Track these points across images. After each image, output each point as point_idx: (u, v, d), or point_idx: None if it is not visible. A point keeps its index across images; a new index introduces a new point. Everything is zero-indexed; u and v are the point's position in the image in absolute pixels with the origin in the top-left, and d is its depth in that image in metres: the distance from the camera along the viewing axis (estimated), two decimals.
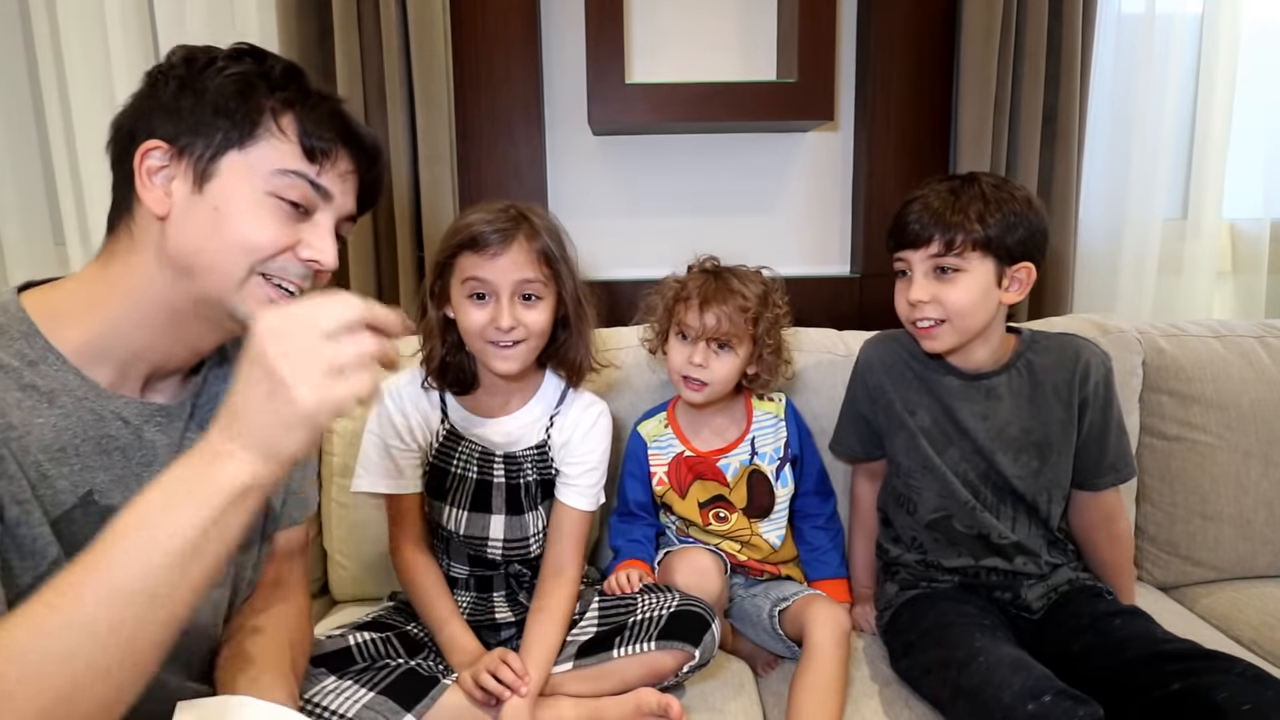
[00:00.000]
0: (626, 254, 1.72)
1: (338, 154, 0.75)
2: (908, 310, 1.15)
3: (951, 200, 1.10)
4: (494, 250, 1.03)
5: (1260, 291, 1.84)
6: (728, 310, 1.18)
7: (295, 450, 0.58)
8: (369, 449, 1.13)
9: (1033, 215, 1.10)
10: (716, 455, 1.27)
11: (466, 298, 1.06)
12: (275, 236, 0.71)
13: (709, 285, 1.20)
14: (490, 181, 1.63)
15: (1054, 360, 1.16)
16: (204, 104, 0.70)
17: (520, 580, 1.18)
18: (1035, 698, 0.87)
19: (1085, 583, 1.16)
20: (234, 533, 0.57)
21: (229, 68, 0.71)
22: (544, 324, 1.08)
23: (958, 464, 1.17)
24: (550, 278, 1.08)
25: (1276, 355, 1.42)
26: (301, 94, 0.73)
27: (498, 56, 1.59)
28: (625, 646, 1.03)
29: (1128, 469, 1.19)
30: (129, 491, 0.70)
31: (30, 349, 0.67)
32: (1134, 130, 1.72)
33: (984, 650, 0.98)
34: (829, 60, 1.52)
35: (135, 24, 1.56)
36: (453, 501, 1.13)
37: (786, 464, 1.28)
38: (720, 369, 1.20)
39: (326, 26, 1.50)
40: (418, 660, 1.02)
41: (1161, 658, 0.96)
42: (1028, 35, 1.57)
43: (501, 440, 1.15)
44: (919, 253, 1.12)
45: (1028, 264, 1.11)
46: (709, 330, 1.18)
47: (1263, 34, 1.78)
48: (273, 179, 0.71)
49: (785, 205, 1.75)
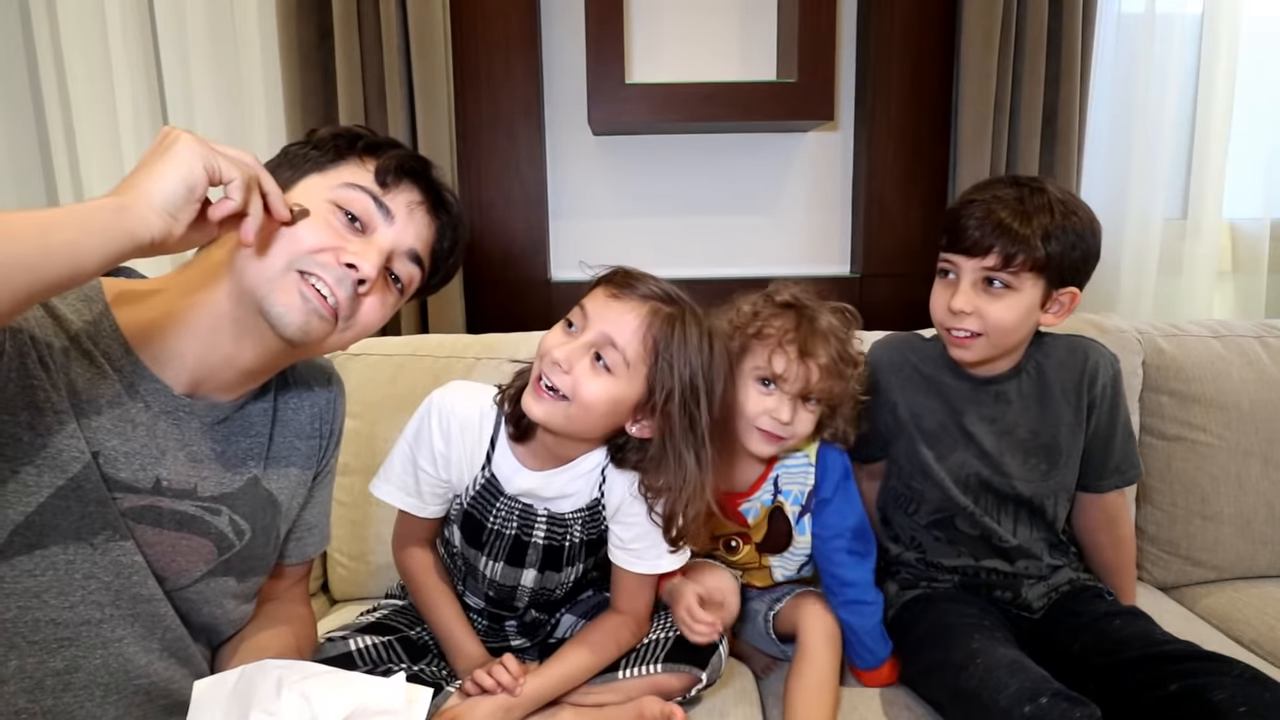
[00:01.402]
0: (626, 254, 1.72)
1: (408, 184, 0.79)
2: (945, 315, 1.09)
3: (1018, 209, 1.02)
4: (622, 299, 0.89)
5: (1260, 291, 1.84)
6: (823, 363, 1.02)
7: (161, 192, 0.60)
8: (395, 458, 1.03)
9: (1092, 238, 1.06)
10: (739, 499, 1.14)
11: (565, 324, 0.93)
12: (321, 236, 0.73)
13: (803, 329, 1.03)
14: (490, 181, 1.63)
15: (1062, 362, 1.14)
16: (307, 146, 0.79)
17: (537, 624, 1.13)
18: (1032, 700, 0.87)
19: (1086, 583, 1.16)
20: (87, 258, 0.58)
21: (340, 129, 0.80)
22: (597, 400, 0.88)
23: (960, 469, 1.16)
24: (645, 364, 0.88)
25: (1276, 355, 1.42)
26: (391, 145, 0.80)
27: (498, 56, 1.59)
28: (631, 668, 1.01)
29: (1133, 471, 1.18)
30: (138, 471, 0.72)
31: (89, 310, 0.71)
32: (1134, 130, 1.72)
33: (981, 652, 0.98)
34: (829, 60, 1.52)
35: (135, 24, 1.56)
36: (489, 554, 1.03)
37: (808, 513, 1.14)
38: (804, 424, 1.06)
39: (326, 27, 1.50)
40: (420, 666, 1.01)
41: (1160, 659, 0.96)
42: (1028, 35, 1.57)
43: (550, 495, 1.00)
44: (972, 261, 1.05)
45: (1074, 289, 1.07)
46: (807, 385, 1.03)
47: (1263, 34, 1.78)
48: (338, 190, 0.75)
49: (785, 205, 1.75)
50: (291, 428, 0.88)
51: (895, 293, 1.68)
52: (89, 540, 0.69)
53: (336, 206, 0.75)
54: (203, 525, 0.78)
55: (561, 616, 1.14)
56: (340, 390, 0.96)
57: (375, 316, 0.79)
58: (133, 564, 0.72)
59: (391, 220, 0.77)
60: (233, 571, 0.82)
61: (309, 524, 0.95)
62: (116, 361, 0.72)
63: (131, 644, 0.73)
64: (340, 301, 0.74)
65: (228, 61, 1.59)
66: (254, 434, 0.83)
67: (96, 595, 0.70)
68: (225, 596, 0.83)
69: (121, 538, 0.71)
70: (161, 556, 0.75)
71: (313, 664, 0.74)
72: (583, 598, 1.16)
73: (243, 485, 0.82)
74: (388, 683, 0.70)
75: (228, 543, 0.80)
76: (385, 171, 0.77)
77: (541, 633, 1.14)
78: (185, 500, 0.76)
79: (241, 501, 0.81)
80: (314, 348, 0.78)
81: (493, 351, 1.37)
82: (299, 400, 0.89)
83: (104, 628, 0.71)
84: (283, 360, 0.80)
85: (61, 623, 0.69)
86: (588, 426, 0.92)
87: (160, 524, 0.75)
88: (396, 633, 1.06)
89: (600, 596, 1.14)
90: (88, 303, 0.72)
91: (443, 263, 0.85)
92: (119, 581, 0.71)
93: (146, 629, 0.74)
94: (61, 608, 0.69)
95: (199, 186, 0.62)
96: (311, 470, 0.91)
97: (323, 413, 0.92)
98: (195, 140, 0.63)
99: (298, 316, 0.72)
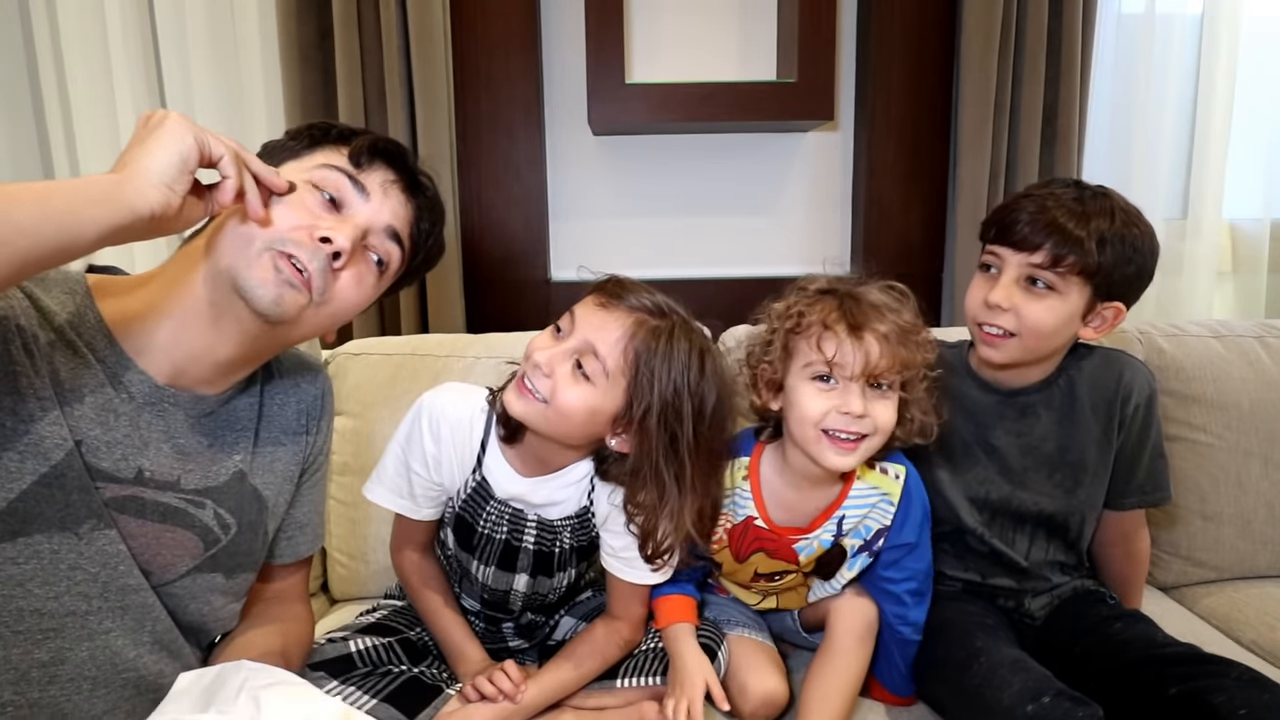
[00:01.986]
0: (626, 254, 1.72)
1: (381, 163, 0.80)
2: (980, 309, 1.03)
3: (1076, 209, 0.98)
4: (605, 305, 0.89)
5: (1260, 291, 1.84)
6: (883, 331, 0.89)
7: (156, 164, 0.62)
8: (388, 462, 1.02)
9: (1150, 255, 1.01)
10: (794, 536, 1.00)
11: (554, 330, 0.92)
12: (298, 215, 0.74)
13: (847, 305, 0.91)
14: (490, 181, 1.63)
15: (1096, 378, 1.09)
16: (284, 139, 0.81)
17: (533, 626, 1.13)
18: (1035, 699, 0.87)
19: (1089, 588, 1.15)
20: (87, 226, 0.60)
21: (316, 122, 0.83)
22: (575, 408, 0.87)
23: (977, 487, 1.11)
24: (625, 376, 0.86)
25: (1276, 355, 1.42)
26: (364, 133, 0.82)
27: (498, 56, 1.59)
28: (630, 678, 1.01)
29: (1159, 494, 1.13)
30: (119, 461, 0.72)
31: (72, 302, 0.72)
32: (1134, 130, 1.72)
33: (984, 651, 0.97)
34: (829, 60, 1.52)
35: (135, 24, 1.56)
36: (481, 558, 1.03)
37: (867, 550, 1.01)
38: (883, 414, 0.91)
39: (326, 26, 1.50)
40: (420, 668, 1.00)
41: (1160, 662, 0.95)
42: (1028, 35, 1.57)
43: (539, 502, 0.99)
44: (1019, 255, 1.00)
45: (1120, 305, 1.02)
46: (869, 364, 0.89)
47: (1263, 34, 1.78)
48: (315, 171, 0.77)
49: (785, 205, 1.75)
50: (278, 423, 0.88)
51: None
52: (73, 530, 0.69)
53: (313, 186, 0.76)
54: (186, 518, 0.78)
55: (561, 619, 1.14)
56: (328, 386, 0.95)
57: (352, 294, 0.78)
58: (118, 553, 0.72)
59: (367, 197, 0.78)
60: (220, 567, 0.82)
61: (300, 522, 0.94)
62: (100, 352, 0.72)
63: (120, 636, 0.73)
64: (312, 273, 0.73)
65: (228, 61, 1.59)
66: (239, 428, 0.83)
67: (82, 586, 0.70)
68: (213, 593, 0.82)
69: (106, 527, 0.71)
70: (145, 549, 0.75)
71: (282, 671, 0.73)
72: (581, 599, 1.16)
73: (228, 479, 0.81)
74: (331, 703, 0.71)
75: (213, 536, 0.80)
76: (359, 152, 0.79)
77: (539, 634, 1.13)
78: (168, 492, 0.76)
79: (227, 495, 0.81)
80: (292, 328, 0.77)
81: (493, 351, 1.37)
82: (284, 395, 0.89)
83: (90, 619, 0.71)
84: (264, 346, 0.79)
85: (46, 613, 0.69)
86: (566, 432, 0.91)
87: (143, 515, 0.74)
88: (397, 634, 1.06)
89: (600, 599, 1.13)
90: (72, 295, 0.72)
91: (424, 244, 0.85)
92: (105, 572, 0.71)
93: (136, 621, 0.74)
94: (46, 598, 0.68)
95: (191, 158, 0.64)
96: (298, 466, 0.91)
97: (310, 408, 0.91)
98: (182, 116, 0.66)
99: (270, 289, 0.72)
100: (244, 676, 0.70)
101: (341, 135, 0.81)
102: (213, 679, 0.71)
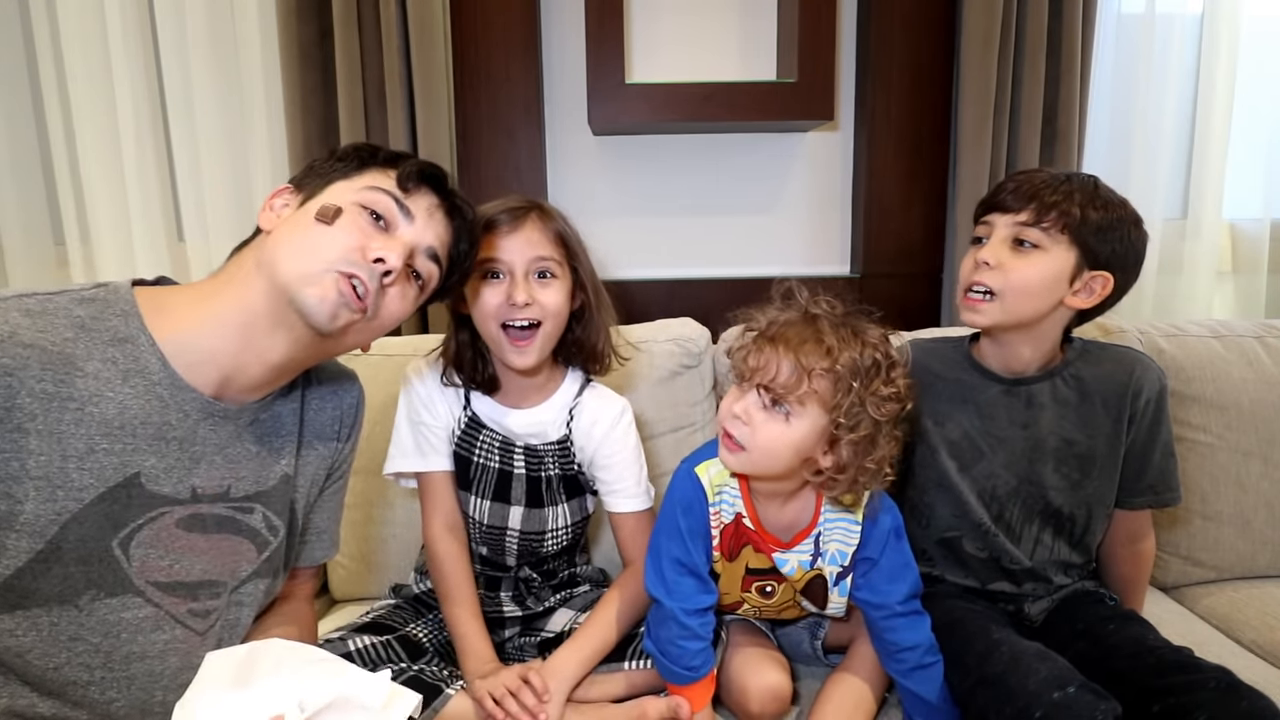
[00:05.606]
0: (626, 254, 1.72)
1: (427, 189, 0.85)
2: (969, 272, 1.08)
3: (1060, 181, 1.04)
4: (507, 229, 1.02)
5: (1260, 291, 1.84)
6: (795, 358, 0.87)
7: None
8: (402, 431, 1.13)
9: (1135, 235, 1.04)
10: (774, 546, 1.01)
11: (481, 279, 1.02)
12: (351, 235, 0.78)
13: (790, 324, 0.91)
14: (490, 181, 1.63)
15: (1106, 373, 1.10)
16: (331, 159, 0.85)
17: (530, 584, 1.16)
18: (1060, 687, 0.87)
19: (1088, 588, 1.15)
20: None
21: (362, 144, 0.87)
22: (559, 305, 1.03)
23: (985, 480, 1.13)
24: (565, 259, 1.05)
25: (1276, 355, 1.42)
26: (408, 157, 0.86)
27: (498, 56, 1.59)
28: (637, 660, 1.03)
29: (1169, 494, 1.13)
30: (178, 483, 0.74)
31: (125, 327, 0.73)
32: (1134, 130, 1.72)
33: (1005, 641, 0.98)
34: (829, 60, 1.52)
35: (135, 24, 1.56)
36: (477, 491, 1.12)
37: (849, 575, 1.01)
38: (766, 433, 0.90)
39: (326, 26, 1.50)
40: (420, 665, 1.00)
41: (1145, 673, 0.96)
42: (1028, 35, 1.57)
43: (522, 430, 1.11)
44: (1005, 217, 1.05)
45: (1108, 275, 1.04)
46: (762, 375, 0.89)
47: (1263, 34, 1.78)
48: (364, 193, 0.81)
49: (785, 205, 1.75)
50: (314, 427, 0.91)
51: (895, 293, 1.68)
52: (73, 602, 0.70)
53: (362, 207, 0.80)
54: (237, 525, 0.81)
55: (557, 610, 1.15)
56: (363, 395, 0.99)
57: (396, 308, 0.82)
58: (120, 621, 0.72)
59: (412, 220, 0.83)
60: (267, 573, 0.85)
61: (319, 528, 0.96)
62: (153, 376, 0.73)
63: (123, 706, 0.74)
64: (370, 292, 0.77)
65: (228, 61, 1.59)
66: (284, 433, 0.86)
67: (84, 658, 0.71)
68: (255, 602, 0.85)
69: (108, 595, 0.71)
70: (216, 562, 0.78)
71: (315, 649, 0.74)
72: (579, 592, 1.18)
73: (276, 483, 0.84)
74: (375, 679, 0.71)
75: (263, 540, 0.83)
76: (407, 177, 0.83)
77: (532, 601, 1.15)
78: (219, 504, 0.79)
79: (275, 498, 0.84)
80: (341, 339, 0.81)
81: None
82: (323, 401, 0.92)
83: (91, 690, 0.72)
84: (310, 355, 0.82)
85: (47, 681, 0.70)
86: (555, 334, 1.06)
87: (205, 529, 0.78)
88: (394, 631, 1.06)
89: (596, 593, 1.16)
90: (124, 319, 0.74)
91: (459, 264, 0.90)
92: (108, 642, 0.72)
93: (144, 690, 0.75)
94: (46, 669, 0.69)
95: None
96: (325, 471, 0.93)
97: (344, 415, 0.95)
98: None
99: (329, 307, 0.76)
100: (278, 654, 0.71)
101: (388, 159, 0.85)
102: (244, 656, 0.71)
